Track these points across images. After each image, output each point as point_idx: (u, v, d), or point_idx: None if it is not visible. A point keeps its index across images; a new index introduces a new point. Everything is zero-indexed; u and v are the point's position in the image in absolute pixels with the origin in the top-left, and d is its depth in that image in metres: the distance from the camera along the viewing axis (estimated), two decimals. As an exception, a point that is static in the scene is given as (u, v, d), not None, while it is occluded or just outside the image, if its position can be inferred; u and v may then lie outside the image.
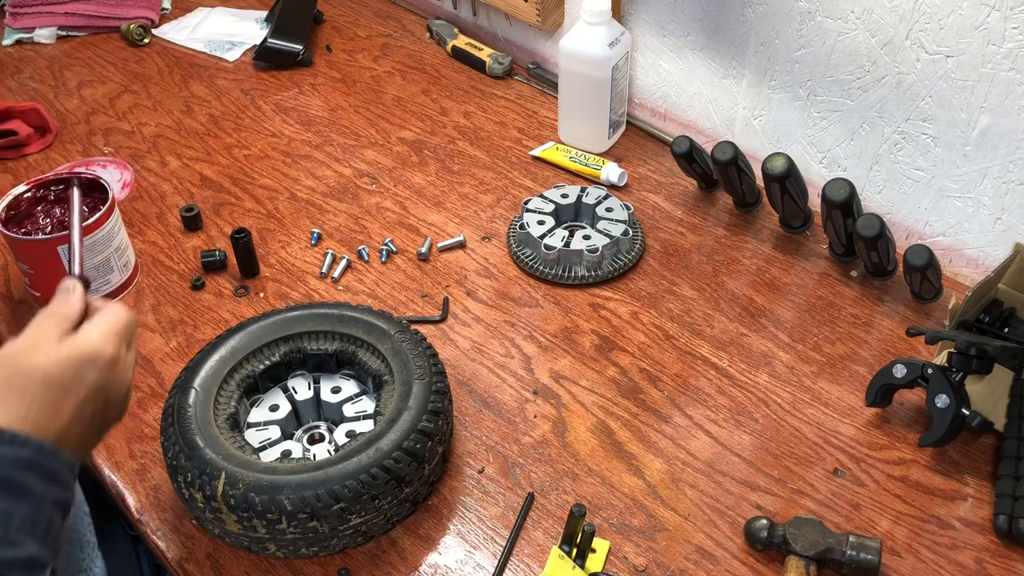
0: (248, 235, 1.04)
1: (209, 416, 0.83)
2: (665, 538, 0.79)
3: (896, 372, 0.86)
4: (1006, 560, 0.78)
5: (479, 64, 1.42)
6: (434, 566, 0.78)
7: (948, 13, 0.93)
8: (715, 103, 1.22)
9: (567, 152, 1.23)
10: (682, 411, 0.91)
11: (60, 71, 1.45)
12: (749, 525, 0.78)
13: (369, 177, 1.22)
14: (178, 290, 1.05)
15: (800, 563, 0.75)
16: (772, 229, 1.12)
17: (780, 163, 1.01)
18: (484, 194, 1.19)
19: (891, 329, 0.99)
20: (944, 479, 0.84)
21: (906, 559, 0.78)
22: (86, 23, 1.53)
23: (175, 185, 1.21)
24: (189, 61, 1.48)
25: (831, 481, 0.84)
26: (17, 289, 1.05)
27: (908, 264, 0.94)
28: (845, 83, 1.05)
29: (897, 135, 1.04)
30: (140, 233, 1.13)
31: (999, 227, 1.00)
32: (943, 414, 0.83)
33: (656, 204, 1.17)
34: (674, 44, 1.22)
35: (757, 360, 0.96)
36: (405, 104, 1.36)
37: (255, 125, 1.32)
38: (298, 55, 1.43)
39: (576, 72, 1.19)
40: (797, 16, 1.06)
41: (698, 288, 1.04)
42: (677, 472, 0.85)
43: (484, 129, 1.30)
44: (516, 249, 1.08)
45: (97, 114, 1.35)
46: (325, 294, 1.05)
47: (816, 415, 0.90)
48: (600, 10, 1.14)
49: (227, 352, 0.89)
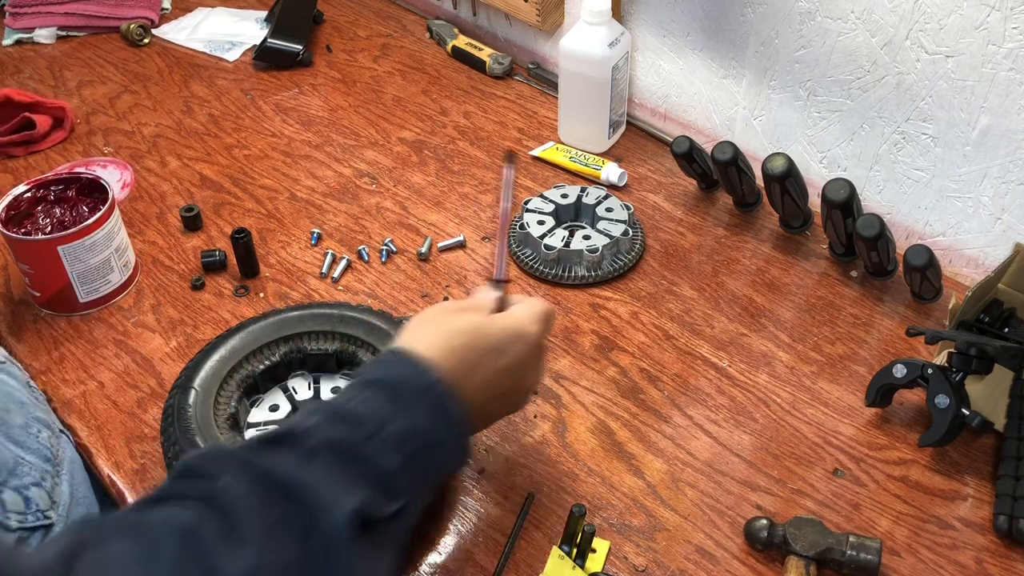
0: (248, 235, 1.04)
1: (209, 416, 0.83)
2: (665, 538, 0.79)
3: (896, 372, 0.86)
4: (1006, 560, 0.78)
5: (479, 64, 1.42)
6: (434, 566, 0.78)
7: (948, 13, 0.93)
8: (715, 103, 1.22)
9: (567, 152, 1.23)
10: (682, 411, 0.91)
11: (60, 71, 1.45)
12: (749, 525, 0.78)
13: (369, 177, 1.22)
14: (178, 290, 1.05)
15: (800, 563, 0.75)
16: (772, 229, 1.12)
17: (780, 163, 1.01)
18: (484, 194, 1.19)
19: (891, 329, 0.99)
20: (944, 479, 0.84)
21: (906, 559, 0.78)
22: (86, 23, 1.53)
23: (175, 185, 1.21)
24: (189, 61, 1.48)
25: (831, 481, 0.84)
26: (17, 289, 1.05)
27: (908, 264, 0.94)
28: (845, 83, 1.05)
29: (897, 135, 1.04)
30: (140, 233, 1.13)
31: (999, 227, 1.00)
32: (943, 414, 0.83)
33: (656, 204, 1.17)
34: (674, 44, 1.22)
35: (757, 360, 0.96)
36: (405, 104, 1.36)
37: (255, 125, 1.33)
38: (298, 55, 1.43)
39: (576, 72, 1.19)
40: (797, 16, 1.06)
41: (698, 288, 1.04)
42: (677, 472, 0.85)
43: (484, 129, 1.30)
44: (516, 249, 1.08)
45: (97, 114, 1.35)
46: (325, 294, 1.05)
47: (816, 415, 0.90)
48: (600, 10, 1.14)
49: (227, 352, 0.89)
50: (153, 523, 0.52)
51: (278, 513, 0.55)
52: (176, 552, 0.50)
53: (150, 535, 0.51)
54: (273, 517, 0.54)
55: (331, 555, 0.55)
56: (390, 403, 0.63)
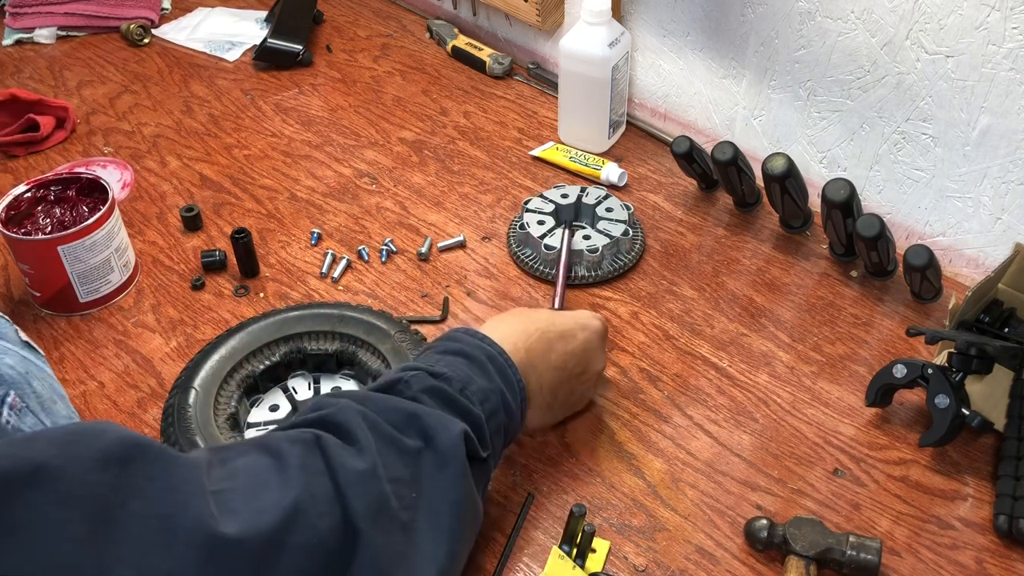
0: (248, 235, 1.04)
1: (209, 416, 0.83)
2: (665, 538, 0.79)
3: (896, 372, 0.86)
4: (1006, 560, 0.78)
5: (479, 64, 1.42)
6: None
7: (948, 13, 0.93)
8: (715, 103, 1.22)
9: (567, 152, 1.23)
10: (682, 411, 0.91)
11: (60, 71, 1.45)
12: (749, 525, 0.78)
13: (369, 177, 1.22)
14: (178, 290, 1.05)
15: (800, 563, 0.75)
16: (772, 229, 1.12)
17: (780, 163, 1.01)
18: (484, 194, 1.19)
19: (891, 329, 0.99)
20: (944, 479, 0.84)
21: (906, 559, 0.78)
22: (86, 23, 1.53)
23: (175, 185, 1.21)
24: (189, 61, 1.48)
25: (831, 481, 0.84)
26: (17, 289, 1.05)
27: (908, 264, 0.94)
28: (845, 83, 1.05)
29: (897, 135, 1.04)
30: (140, 233, 1.13)
31: (999, 227, 1.00)
32: (943, 414, 0.83)
33: (656, 204, 1.17)
34: (674, 44, 1.22)
35: (757, 360, 0.96)
36: (405, 104, 1.36)
37: (255, 125, 1.33)
38: (298, 55, 1.43)
39: (576, 72, 1.19)
40: (797, 16, 1.06)
41: (698, 288, 1.04)
42: (677, 472, 0.85)
43: (484, 129, 1.30)
44: (516, 249, 1.08)
45: (97, 114, 1.35)
46: (325, 294, 1.05)
47: (816, 415, 0.90)
48: (600, 10, 1.14)
49: (227, 352, 0.89)
50: (280, 438, 0.61)
51: (393, 431, 0.64)
52: (301, 455, 0.59)
53: (278, 447, 0.60)
54: (389, 434, 0.64)
55: (448, 466, 0.64)
56: (467, 367, 0.72)
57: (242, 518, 0.54)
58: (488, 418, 0.70)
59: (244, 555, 0.53)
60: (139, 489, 0.51)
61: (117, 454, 0.52)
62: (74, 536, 0.48)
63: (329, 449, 0.60)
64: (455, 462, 0.65)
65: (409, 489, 0.63)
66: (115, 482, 0.51)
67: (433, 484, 0.64)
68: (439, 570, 0.62)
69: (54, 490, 0.48)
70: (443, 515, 0.64)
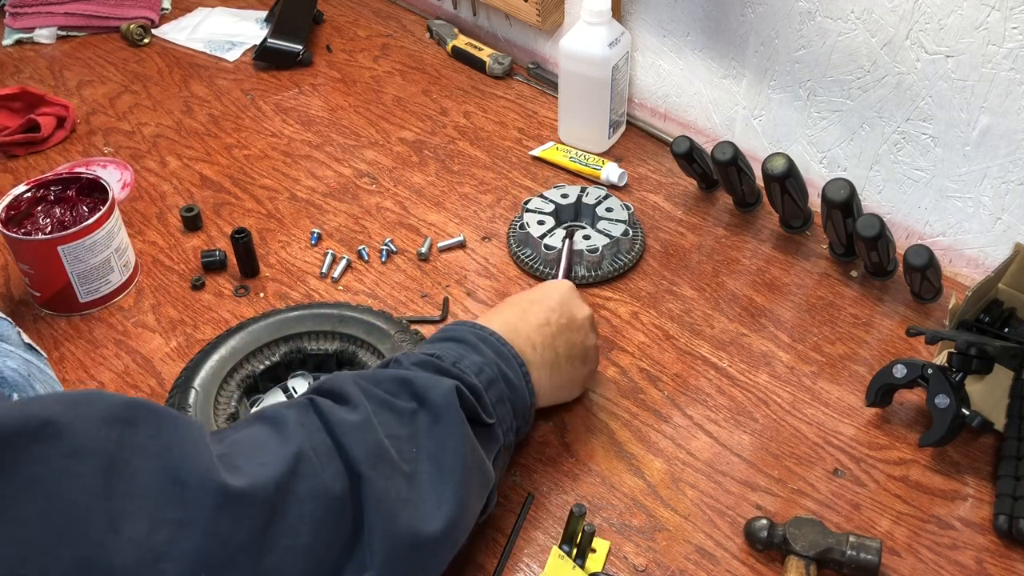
0: (248, 235, 1.04)
1: (209, 416, 0.83)
2: (665, 538, 0.79)
3: (896, 372, 0.86)
4: (1006, 560, 0.78)
5: (479, 64, 1.42)
6: (434, 566, 0.78)
7: (948, 13, 0.93)
8: (715, 103, 1.22)
9: (567, 152, 1.23)
10: (682, 411, 0.91)
11: (60, 71, 1.45)
12: (749, 525, 0.78)
13: (369, 177, 1.22)
14: (178, 290, 1.05)
15: (800, 563, 0.75)
16: (772, 229, 1.12)
17: (780, 163, 1.01)
18: (484, 194, 1.19)
19: (891, 329, 0.99)
20: (944, 479, 0.84)
21: (906, 559, 0.78)
22: (86, 23, 1.53)
23: (175, 185, 1.21)
24: (189, 61, 1.48)
25: (831, 481, 0.84)
26: (17, 289, 1.05)
27: (908, 264, 0.94)
28: (845, 83, 1.05)
29: (897, 135, 1.04)
30: (140, 233, 1.13)
31: (999, 227, 1.00)
32: (943, 414, 0.83)
33: (656, 204, 1.17)
34: (674, 44, 1.22)
35: (757, 360, 0.96)
36: (405, 104, 1.37)
37: (255, 125, 1.33)
38: (298, 55, 1.43)
39: (576, 72, 1.19)
40: (797, 16, 1.06)
41: (698, 288, 1.04)
42: (677, 472, 0.85)
43: (484, 129, 1.30)
44: (516, 249, 1.08)
45: (97, 114, 1.35)
46: (325, 294, 1.05)
47: (816, 415, 0.90)
48: (600, 10, 1.14)
49: (227, 352, 0.89)
50: (275, 407, 0.65)
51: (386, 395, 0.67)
52: (297, 415, 0.62)
53: (273, 414, 0.63)
54: (383, 397, 0.66)
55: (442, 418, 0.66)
56: (459, 348, 0.75)
57: (247, 472, 0.56)
58: (487, 388, 0.73)
59: (254, 503, 0.55)
60: (146, 444, 0.53)
61: (122, 413, 0.53)
62: (87, 487, 0.49)
63: (323, 407, 0.63)
64: (449, 414, 0.67)
65: (409, 445, 0.65)
66: (121, 439, 0.52)
67: (431, 438, 0.66)
68: (448, 516, 0.64)
69: (65, 444, 0.49)
70: (445, 464, 0.65)
